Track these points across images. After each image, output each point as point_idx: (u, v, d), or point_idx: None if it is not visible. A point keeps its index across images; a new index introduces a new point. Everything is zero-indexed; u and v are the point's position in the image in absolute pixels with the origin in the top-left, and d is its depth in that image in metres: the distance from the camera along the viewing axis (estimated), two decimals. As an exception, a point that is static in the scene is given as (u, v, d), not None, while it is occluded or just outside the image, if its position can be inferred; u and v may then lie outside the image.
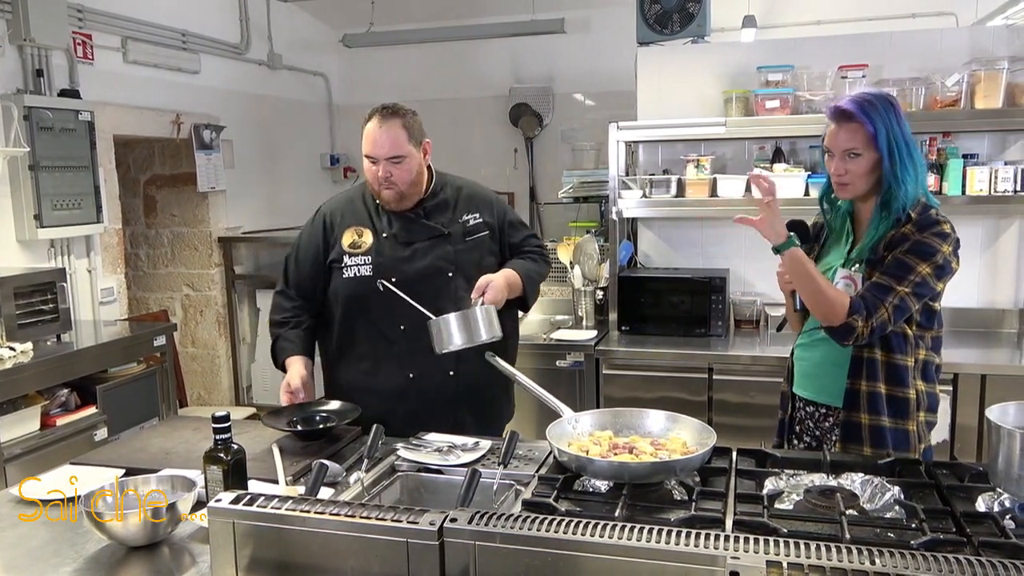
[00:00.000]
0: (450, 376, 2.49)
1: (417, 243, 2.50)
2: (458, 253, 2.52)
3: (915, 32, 3.97)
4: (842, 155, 2.08)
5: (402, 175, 2.43)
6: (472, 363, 2.46)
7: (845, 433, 2.14)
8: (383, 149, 2.40)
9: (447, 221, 2.55)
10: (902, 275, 2.01)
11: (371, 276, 2.46)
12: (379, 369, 2.50)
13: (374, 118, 2.44)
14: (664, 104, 4.02)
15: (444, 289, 2.46)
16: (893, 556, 1.20)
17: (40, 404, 3.32)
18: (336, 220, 2.57)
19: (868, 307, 2.00)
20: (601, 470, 1.70)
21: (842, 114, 2.08)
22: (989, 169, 3.44)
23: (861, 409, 2.11)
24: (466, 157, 6.87)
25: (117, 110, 4.53)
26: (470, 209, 2.60)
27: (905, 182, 2.03)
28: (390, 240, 2.50)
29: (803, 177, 3.60)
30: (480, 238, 2.58)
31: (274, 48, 5.99)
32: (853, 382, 2.12)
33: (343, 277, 2.50)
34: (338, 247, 2.52)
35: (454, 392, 2.50)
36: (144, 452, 2.20)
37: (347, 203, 2.61)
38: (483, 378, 2.52)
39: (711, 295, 3.76)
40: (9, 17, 3.84)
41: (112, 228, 4.51)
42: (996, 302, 3.80)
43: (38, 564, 1.60)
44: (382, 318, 2.48)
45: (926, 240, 2.02)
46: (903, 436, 2.10)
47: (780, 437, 2.37)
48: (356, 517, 1.38)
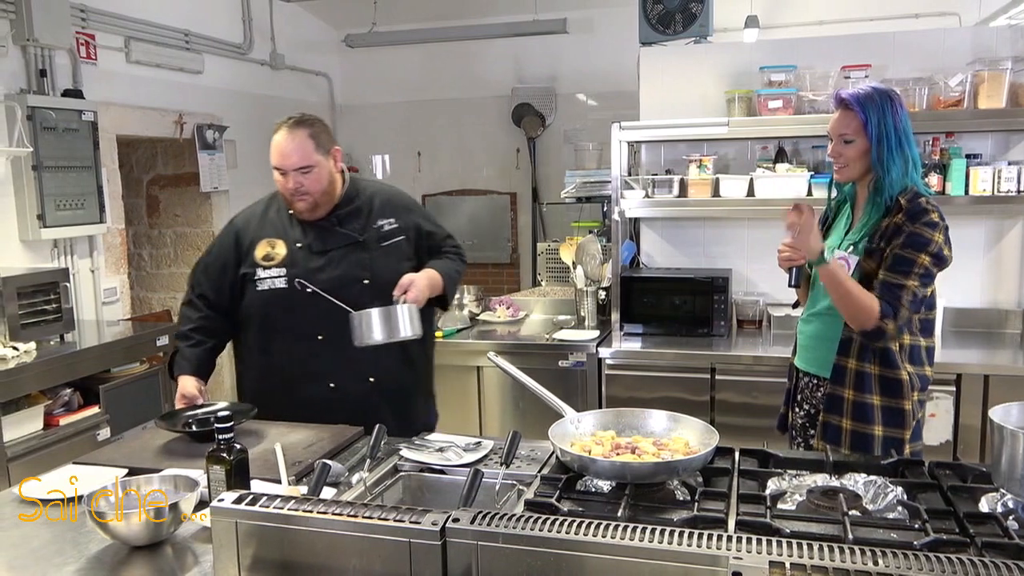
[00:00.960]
0: (371, 383, 2.50)
1: (331, 251, 2.49)
2: (373, 260, 2.52)
3: (918, 32, 3.96)
4: (838, 139, 2.29)
5: (313, 185, 2.42)
6: (391, 369, 2.50)
7: (828, 404, 2.31)
8: (291, 160, 2.39)
9: (361, 228, 2.54)
10: (907, 269, 2.15)
11: (286, 288, 2.45)
12: (299, 381, 2.48)
13: (281, 129, 2.43)
14: (667, 104, 4.02)
15: (360, 296, 2.43)
16: (896, 557, 1.19)
17: (43, 404, 3.32)
18: (248, 233, 2.54)
19: (893, 308, 2.15)
20: (603, 470, 1.70)
21: (840, 102, 2.30)
22: (992, 169, 3.44)
23: (846, 385, 2.27)
24: (468, 157, 6.88)
25: (120, 110, 4.53)
26: (384, 215, 2.59)
27: (890, 170, 2.21)
28: (304, 250, 2.49)
29: (806, 177, 3.60)
30: (395, 243, 2.58)
31: (277, 48, 6.00)
32: (841, 358, 2.28)
33: (257, 290, 2.48)
34: (251, 259, 2.50)
35: (377, 399, 2.51)
36: (147, 452, 2.20)
37: (259, 215, 2.59)
38: (402, 382, 2.58)
39: (713, 295, 3.76)
40: (13, 17, 3.85)
41: (115, 228, 4.52)
42: (999, 302, 3.79)
43: (41, 564, 1.60)
44: (299, 329, 2.47)
45: (918, 231, 2.16)
46: (899, 414, 2.24)
47: (786, 406, 2.55)
48: (359, 517, 1.38)
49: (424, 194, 7.07)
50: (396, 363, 2.53)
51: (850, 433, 2.26)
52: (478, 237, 7.00)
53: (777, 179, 3.65)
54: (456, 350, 3.90)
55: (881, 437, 2.23)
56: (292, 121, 2.43)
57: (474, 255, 7.03)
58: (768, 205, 3.65)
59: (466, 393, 3.88)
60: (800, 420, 2.46)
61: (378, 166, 7.19)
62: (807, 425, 2.44)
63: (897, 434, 2.24)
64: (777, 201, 3.61)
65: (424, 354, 2.68)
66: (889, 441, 2.22)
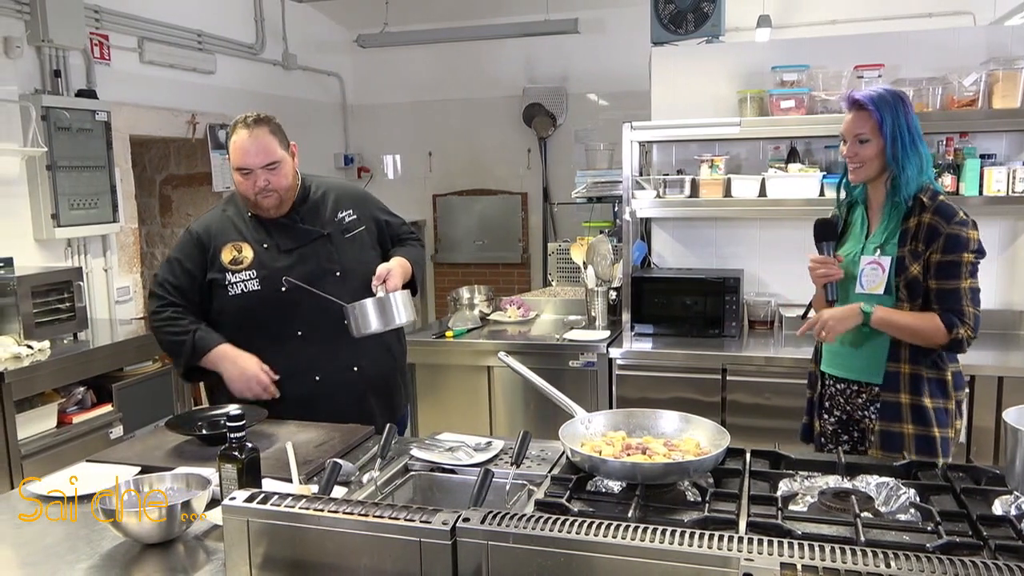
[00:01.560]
0: (355, 372, 2.53)
1: (299, 248, 2.49)
2: (340, 252, 2.53)
3: (932, 31, 3.94)
4: (853, 140, 2.30)
5: (279, 181, 2.42)
6: (372, 355, 2.54)
7: (884, 412, 2.29)
8: (257, 158, 2.38)
9: (323, 222, 2.55)
10: (957, 272, 2.20)
11: (259, 290, 2.45)
12: (284, 379, 2.47)
13: (240, 130, 2.41)
14: (678, 104, 4.01)
15: (334, 289, 2.44)
16: (908, 559, 1.19)
17: (57, 402, 3.35)
18: (211, 238, 2.50)
19: (957, 316, 2.19)
20: (614, 471, 1.70)
21: (854, 103, 2.31)
22: (1007, 169, 3.41)
23: (901, 389, 2.26)
24: (479, 157, 6.89)
25: (133, 110, 4.56)
26: (342, 207, 2.60)
27: (906, 168, 2.23)
28: (271, 250, 2.48)
29: (818, 177, 3.58)
30: (358, 234, 2.60)
31: (289, 48, 6.02)
32: (893, 364, 2.28)
33: (229, 295, 2.46)
34: (218, 264, 2.47)
35: (363, 387, 2.54)
36: (159, 450, 2.21)
37: (218, 220, 2.56)
38: (384, 367, 2.62)
39: (725, 295, 3.74)
40: (27, 18, 3.88)
41: (128, 227, 4.55)
42: (1014, 303, 3.77)
43: (54, 560, 1.61)
44: (276, 327, 2.47)
45: (955, 232, 2.19)
46: (944, 414, 2.27)
47: (809, 415, 2.53)
48: (369, 516, 1.38)
49: (435, 194, 7.09)
50: (376, 349, 2.56)
51: (914, 438, 2.26)
52: (489, 237, 7.01)
53: (789, 179, 3.63)
54: (467, 350, 3.90)
55: (940, 438, 2.26)
56: (250, 119, 2.42)
57: (485, 255, 7.09)
58: (780, 205, 3.64)
59: (477, 393, 3.88)
60: (831, 427, 2.45)
61: (389, 166, 7.21)
62: (839, 431, 2.43)
63: (947, 434, 2.28)
64: (789, 201, 3.60)
65: (398, 339, 2.72)
66: (945, 442, 2.26)
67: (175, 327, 2.47)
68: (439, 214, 7.11)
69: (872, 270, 2.28)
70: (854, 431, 2.42)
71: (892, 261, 2.26)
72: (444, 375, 3.93)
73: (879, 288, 2.28)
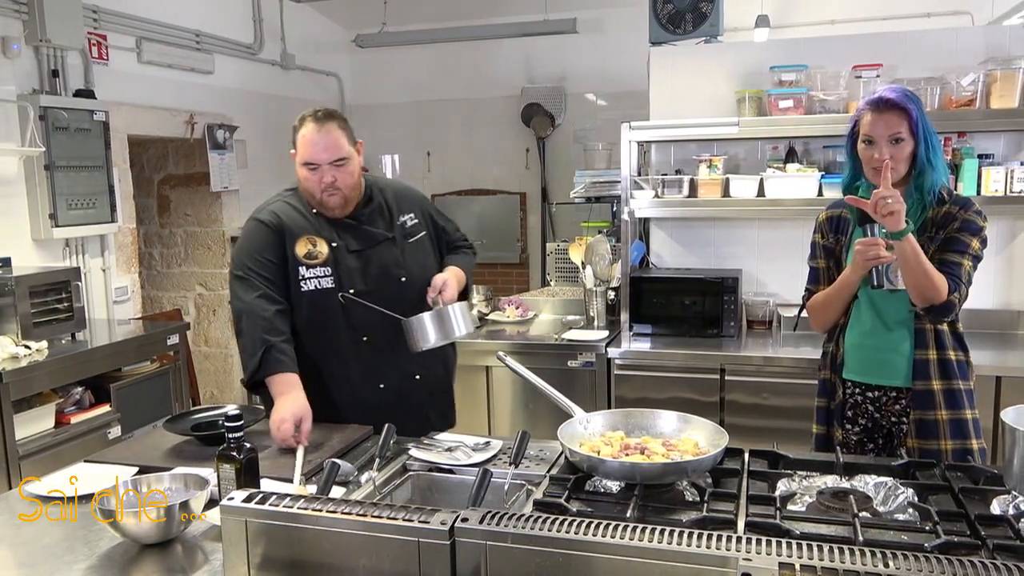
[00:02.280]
0: (416, 380, 2.50)
1: (365, 250, 2.44)
2: (405, 257, 2.49)
3: (930, 31, 3.94)
4: (887, 140, 2.20)
5: (346, 179, 2.36)
6: (432, 365, 2.52)
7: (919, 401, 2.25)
8: (326, 153, 2.31)
9: (387, 225, 2.50)
10: (963, 250, 2.19)
11: (333, 288, 2.38)
12: (348, 384, 2.43)
13: (308, 123, 2.32)
14: (676, 104, 4.01)
15: (398, 295, 2.41)
16: (907, 559, 1.19)
17: (55, 402, 3.35)
18: (283, 226, 2.39)
19: (955, 283, 2.16)
20: (612, 471, 1.70)
21: (887, 103, 2.21)
22: (1005, 169, 3.41)
23: (932, 376, 2.24)
24: (478, 157, 6.89)
25: (131, 110, 4.56)
26: (403, 210, 2.56)
27: (937, 166, 2.22)
28: (341, 250, 2.41)
29: (816, 177, 3.58)
30: (419, 239, 2.56)
31: (287, 48, 6.02)
32: (922, 352, 2.25)
33: (301, 291, 2.37)
34: (293, 257, 2.38)
35: (423, 395, 2.52)
36: (157, 450, 2.21)
37: (287, 211, 2.43)
38: (443, 376, 2.61)
39: (723, 295, 3.74)
40: (25, 18, 3.87)
41: (126, 227, 4.54)
42: (1012, 303, 3.77)
43: (52, 561, 1.61)
44: (344, 330, 2.41)
45: (971, 218, 2.21)
46: (972, 396, 2.28)
47: (826, 425, 2.41)
48: (368, 516, 1.38)
49: (434, 194, 7.07)
50: (435, 358, 2.53)
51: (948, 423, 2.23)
52: (487, 237, 7.00)
53: (787, 179, 3.63)
54: (465, 350, 3.88)
55: (971, 420, 2.25)
56: (320, 114, 2.34)
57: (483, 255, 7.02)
58: (778, 205, 3.64)
59: (475, 393, 3.88)
60: (855, 437, 2.35)
61: (388, 166, 7.19)
62: (864, 440, 2.34)
63: (976, 415, 2.27)
64: (787, 201, 3.60)
65: (453, 348, 2.70)
66: (976, 423, 2.27)
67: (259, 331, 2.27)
68: (438, 214, 7.10)
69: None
70: (879, 438, 2.33)
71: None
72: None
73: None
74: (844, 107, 3.56)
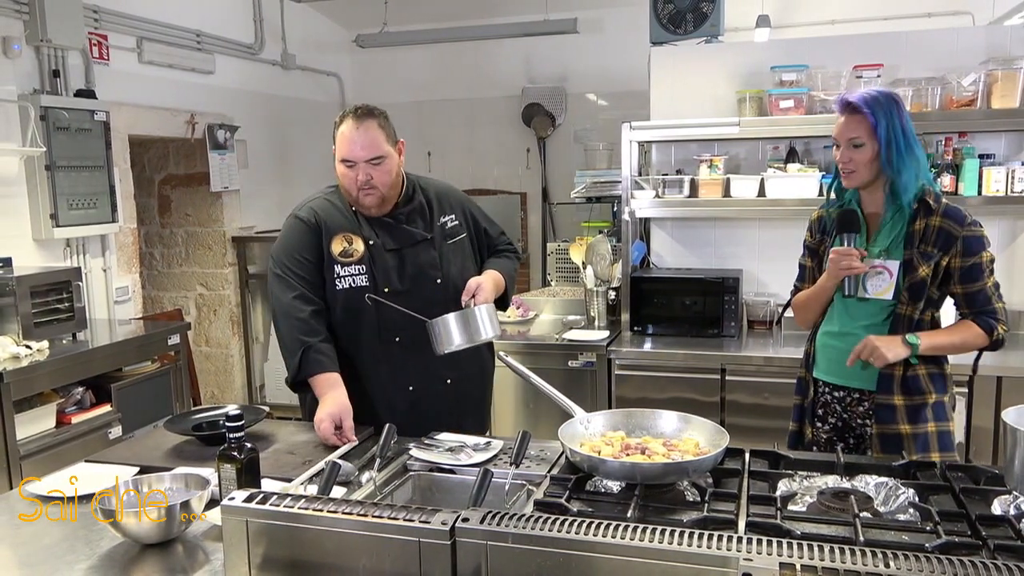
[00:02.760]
0: (448, 384, 2.46)
1: (402, 249, 2.42)
2: (443, 258, 2.47)
3: (931, 31, 3.94)
4: (846, 144, 2.23)
5: (382, 177, 2.33)
6: (467, 369, 2.47)
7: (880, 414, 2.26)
8: (363, 151, 2.29)
9: (426, 225, 2.47)
10: (980, 273, 2.20)
11: (367, 286, 2.36)
12: (381, 383, 2.41)
13: (348, 120, 2.31)
14: (677, 104, 4.01)
15: (433, 296, 2.39)
16: (908, 559, 1.19)
17: (55, 402, 3.35)
18: (321, 223, 2.40)
19: (991, 316, 2.20)
20: (613, 471, 1.70)
21: (848, 106, 2.24)
22: (1006, 169, 3.41)
23: (895, 391, 2.24)
24: (478, 157, 6.89)
25: (132, 110, 4.56)
26: (444, 211, 2.53)
27: (902, 172, 2.19)
28: (378, 248, 2.40)
29: (817, 177, 3.58)
30: (459, 240, 2.53)
31: (288, 48, 6.02)
32: (887, 368, 2.22)
33: (336, 289, 2.37)
34: (328, 255, 2.38)
35: (453, 400, 2.48)
36: (158, 450, 2.21)
37: (326, 208, 2.44)
38: (477, 382, 2.55)
39: (724, 295, 3.74)
40: (26, 18, 3.87)
41: (127, 227, 4.54)
42: (1013, 303, 3.76)
43: (53, 560, 1.61)
44: (377, 330, 2.39)
45: (971, 234, 2.19)
46: (942, 408, 2.26)
47: (799, 422, 2.45)
48: (368, 516, 1.38)
49: (434, 194, 7.08)
50: (470, 364, 2.49)
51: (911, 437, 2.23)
52: (488, 237, 7.01)
53: (788, 179, 3.64)
54: (466, 350, 3.90)
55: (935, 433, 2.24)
56: (360, 111, 2.31)
57: (484, 255, 7.09)
58: (779, 205, 3.64)
59: (476, 393, 3.88)
60: (825, 435, 2.37)
61: (388, 166, 7.19)
62: (834, 439, 2.36)
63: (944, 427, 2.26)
64: (788, 201, 3.60)
65: (492, 356, 2.64)
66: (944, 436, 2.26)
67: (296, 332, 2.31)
68: (438, 214, 7.11)
69: (878, 275, 2.23)
70: (849, 437, 2.35)
71: (900, 266, 2.21)
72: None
73: (887, 293, 2.24)
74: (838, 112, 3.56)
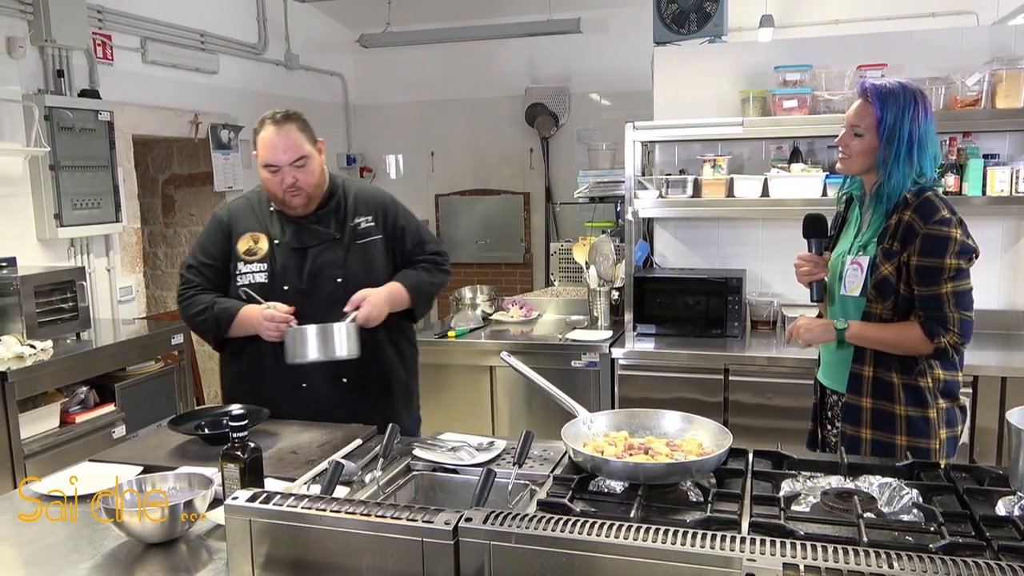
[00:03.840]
0: (343, 383, 2.47)
1: (308, 248, 2.47)
2: (348, 258, 2.48)
3: (935, 31, 3.93)
4: (848, 129, 2.19)
5: (307, 178, 2.40)
6: (364, 372, 2.46)
7: (847, 415, 2.23)
8: (285, 155, 2.36)
9: (339, 226, 2.51)
10: (937, 277, 2.07)
11: (265, 283, 2.43)
12: (274, 379, 2.43)
13: (268, 125, 2.38)
14: (681, 104, 4.01)
15: (333, 295, 2.41)
16: (911, 559, 1.19)
17: (59, 402, 3.35)
18: (232, 224, 2.51)
19: (939, 323, 2.08)
20: (616, 471, 1.70)
21: (863, 91, 2.19)
22: (1010, 169, 3.41)
23: (864, 393, 2.19)
24: (482, 157, 6.89)
25: (136, 110, 4.57)
26: (359, 212, 2.55)
27: (891, 175, 2.11)
28: (283, 247, 2.47)
29: (821, 177, 3.58)
30: (371, 242, 2.53)
31: (291, 48, 6.03)
32: (857, 367, 2.20)
33: (237, 285, 2.46)
34: (234, 252, 2.48)
35: (349, 400, 2.48)
36: (162, 450, 2.22)
37: (242, 208, 2.56)
38: (378, 385, 2.53)
39: (727, 295, 3.74)
40: (31, 18, 3.88)
41: (131, 227, 4.55)
42: (1017, 303, 3.76)
43: (56, 560, 1.61)
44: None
45: (933, 232, 2.06)
46: (923, 423, 2.16)
47: (815, 422, 2.46)
48: (371, 516, 1.38)
49: (437, 194, 7.09)
50: (370, 366, 2.48)
51: (871, 443, 2.18)
52: (491, 237, 7.01)
53: (792, 179, 3.63)
54: (469, 350, 3.90)
55: (902, 447, 2.14)
56: (279, 116, 2.39)
57: (487, 255, 7.09)
58: (782, 205, 3.63)
59: (479, 393, 3.89)
60: (834, 438, 2.34)
61: (392, 166, 7.21)
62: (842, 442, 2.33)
63: (922, 444, 2.15)
64: (792, 201, 3.59)
65: (402, 360, 2.63)
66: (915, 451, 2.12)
67: (197, 306, 2.46)
68: (441, 214, 7.11)
69: (853, 271, 2.18)
70: None
71: (869, 261, 2.16)
72: (446, 375, 3.93)
73: (856, 290, 2.19)
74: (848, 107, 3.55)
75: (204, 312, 2.44)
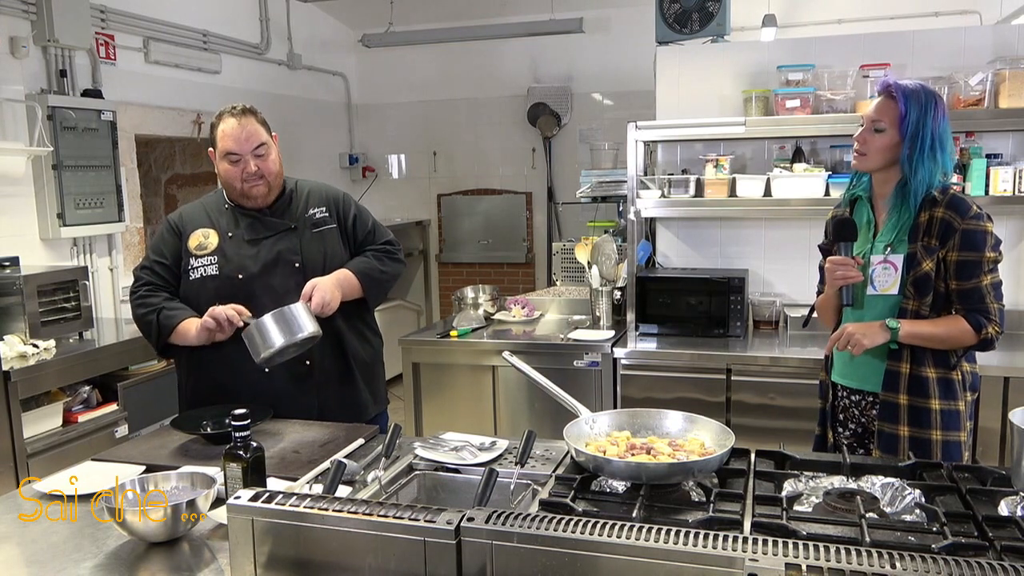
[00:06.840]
0: (306, 365, 2.48)
1: (264, 239, 2.50)
2: (304, 244, 2.53)
3: (938, 31, 3.93)
4: (869, 126, 2.19)
5: (269, 167, 2.45)
6: (327, 353, 2.50)
7: (884, 412, 2.23)
8: (247, 143, 2.41)
9: (294, 217, 2.56)
10: (978, 270, 2.14)
11: (217, 275, 2.46)
12: (234, 369, 2.43)
13: (227, 118, 2.43)
14: (683, 104, 4.01)
15: (290, 281, 2.45)
16: (914, 560, 1.18)
17: (62, 401, 3.36)
18: (183, 224, 2.56)
19: (983, 314, 2.14)
20: (618, 470, 1.70)
21: (885, 89, 2.20)
22: (1013, 169, 3.40)
23: (901, 390, 2.20)
24: (484, 157, 6.90)
25: (139, 110, 4.57)
26: (312, 203, 2.60)
27: (918, 172, 2.14)
28: (236, 240, 2.50)
29: (823, 177, 3.57)
30: (326, 230, 2.58)
31: (294, 48, 6.03)
32: (894, 364, 2.20)
33: (189, 279, 2.49)
34: (185, 250, 2.51)
35: (314, 383, 2.50)
36: (164, 449, 2.22)
37: (193, 208, 2.61)
38: (341, 367, 2.56)
39: (730, 295, 3.74)
40: (34, 18, 3.89)
41: (133, 227, 4.56)
42: (1020, 303, 3.75)
43: (59, 559, 1.62)
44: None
45: (972, 227, 2.13)
46: (952, 417, 2.19)
47: (823, 426, 2.43)
48: (374, 516, 1.38)
49: (440, 193, 7.09)
50: (332, 348, 2.52)
51: (908, 440, 2.19)
52: (493, 237, 7.02)
53: (794, 179, 3.63)
54: (471, 349, 3.90)
55: (941, 442, 2.17)
56: (237, 109, 2.45)
57: (489, 255, 7.10)
58: (785, 205, 3.63)
59: (481, 392, 3.89)
60: (846, 440, 2.35)
61: (394, 166, 7.21)
62: (855, 445, 2.34)
63: (956, 437, 2.19)
64: (794, 201, 3.59)
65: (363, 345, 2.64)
66: (949, 446, 2.18)
67: (145, 307, 2.47)
68: (444, 214, 7.12)
69: (884, 270, 2.20)
70: (870, 443, 2.31)
71: (904, 259, 2.18)
72: (448, 375, 3.93)
73: (893, 288, 2.20)
74: (851, 107, 3.55)
75: (149, 315, 2.46)
